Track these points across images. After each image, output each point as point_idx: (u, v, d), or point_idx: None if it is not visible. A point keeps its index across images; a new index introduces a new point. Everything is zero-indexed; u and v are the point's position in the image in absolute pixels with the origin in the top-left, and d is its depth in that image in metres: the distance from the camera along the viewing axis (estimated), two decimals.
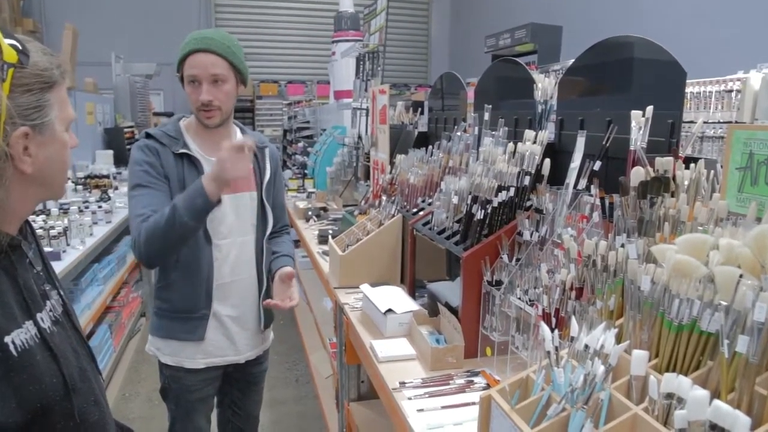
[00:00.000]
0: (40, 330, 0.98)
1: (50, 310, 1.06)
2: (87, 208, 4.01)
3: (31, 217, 3.04)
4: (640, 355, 0.97)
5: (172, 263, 1.93)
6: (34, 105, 0.94)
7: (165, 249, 1.79)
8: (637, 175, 1.31)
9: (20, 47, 0.92)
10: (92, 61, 7.68)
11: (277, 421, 3.61)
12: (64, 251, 3.15)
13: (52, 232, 3.13)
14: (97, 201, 4.29)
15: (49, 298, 1.08)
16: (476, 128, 2.29)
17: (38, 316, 1.00)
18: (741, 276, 0.90)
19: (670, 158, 1.32)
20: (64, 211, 3.59)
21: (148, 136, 1.93)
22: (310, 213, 4.02)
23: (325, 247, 2.99)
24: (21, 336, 0.93)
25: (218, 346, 2.03)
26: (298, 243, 4.47)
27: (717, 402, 0.77)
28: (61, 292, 1.15)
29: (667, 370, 0.99)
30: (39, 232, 2.97)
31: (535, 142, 1.79)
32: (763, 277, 0.87)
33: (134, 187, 1.85)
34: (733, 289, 0.89)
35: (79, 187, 4.75)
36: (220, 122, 1.92)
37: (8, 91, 0.89)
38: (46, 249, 2.97)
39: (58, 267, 2.92)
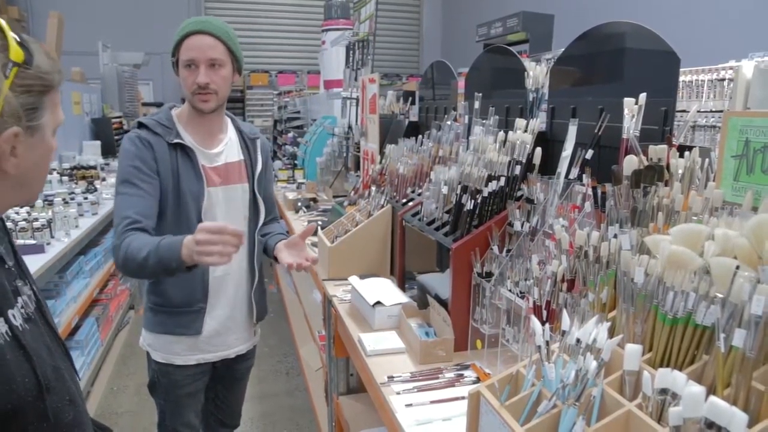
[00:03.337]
0: (11, 327, 0.94)
1: (22, 307, 1.02)
2: (73, 199, 3.95)
3: (14, 209, 2.99)
4: (633, 350, 0.94)
5: None
6: (30, 106, 0.92)
7: (140, 276, 1.79)
8: (630, 163, 1.28)
9: (27, 47, 0.90)
10: (79, 51, 7.60)
11: (268, 413, 3.59)
12: (48, 243, 3.09)
13: (36, 224, 3.07)
14: (84, 192, 4.23)
15: (21, 295, 1.04)
16: (466, 117, 2.25)
17: (9, 312, 0.96)
18: (737, 267, 0.87)
19: (664, 146, 1.29)
20: (49, 202, 3.53)
21: (141, 125, 1.88)
22: (299, 204, 3.98)
23: (315, 239, 2.95)
24: None
25: (211, 342, 2.00)
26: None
27: (713, 398, 0.74)
28: (35, 288, 1.11)
29: (661, 365, 0.96)
30: (22, 224, 2.93)
31: (526, 131, 1.76)
32: (761, 268, 0.84)
33: (123, 183, 1.81)
34: (729, 281, 0.86)
35: (65, 179, 4.68)
36: (216, 107, 1.88)
37: (8, 89, 0.87)
38: (30, 241, 2.93)
39: (42, 259, 2.86)
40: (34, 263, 2.66)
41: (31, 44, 0.93)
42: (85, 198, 4.04)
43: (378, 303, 1.92)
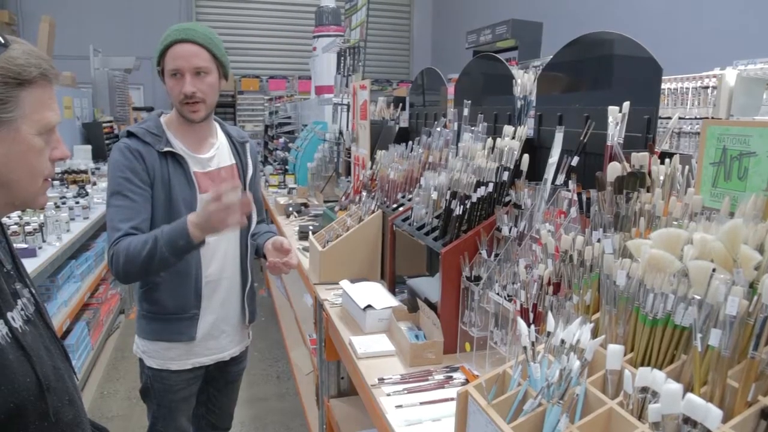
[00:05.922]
0: (11, 329, 0.96)
1: (22, 309, 1.04)
2: (64, 203, 3.96)
3: None
4: (615, 350, 0.97)
5: None
6: None
7: (143, 274, 1.76)
8: (614, 170, 1.31)
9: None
10: (70, 55, 7.60)
11: (258, 417, 3.60)
12: (39, 247, 3.10)
13: (28, 228, 3.08)
14: (75, 196, 4.24)
15: (21, 297, 1.06)
16: (456, 124, 2.29)
17: (9, 315, 0.98)
18: (714, 270, 0.91)
19: (646, 153, 1.33)
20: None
21: (130, 134, 1.86)
22: (290, 209, 4.00)
23: (306, 243, 2.97)
24: None
25: (205, 345, 2.01)
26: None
27: (690, 395, 0.77)
28: (33, 291, 1.13)
29: (642, 364, 0.99)
30: (14, 228, 2.93)
31: (513, 138, 1.80)
32: (735, 271, 0.88)
33: (113, 195, 1.80)
34: (706, 284, 0.90)
35: (56, 183, 4.68)
36: (206, 116, 1.89)
37: None
38: (21, 245, 2.94)
39: (34, 263, 2.87)
40: (25, 267, 2.67)
41: (14, 43, 0.93)
42: (77, 202, 4.05)
43: (369, 306, 1.95)
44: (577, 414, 0.96)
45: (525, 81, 2.02)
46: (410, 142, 2.64)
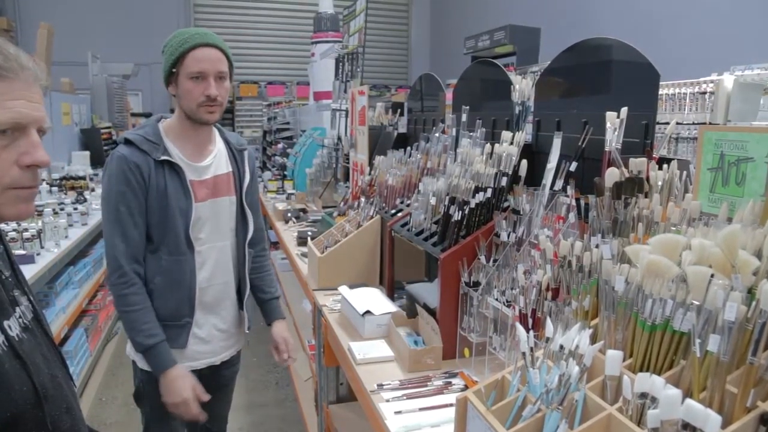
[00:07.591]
0: (8, 338, 0.96)
1: (19, 317, 1.03)
2: (62, 210, 3.95)
3: None
4: (614, 355, 0.97)
5: (154, 270, 1.89)
6: None
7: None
8: (612, 175, 1.32)
9: None
10: (68, 61, 7.60)
11: (257, 424, 3.58)
12: (38, 254, 3.09)
13: (26, 235, 3.07)
14: (73, 203, 4.23)
15: (19, 305, 1.05)
16: (454, 129, 2.29)
17: (5, 323, 0.97)
18: (712, 276, 0.91)
19: (644, 159, 1.33)
20: (39, 212, 3.53)
21: (127, 142, 1.85)
22: (289, 214, 4.00)
23: (304, 249, 2.97)
24: None
25: (197, 350, 2.00)
26: (276, 245, 4.44)
27: (689, 401, 0.77)
28: (31, 298, 1.12)
29: (641, 370, 0.99)
30: (12, 234, 2.93)
31: (512, 143, 1.80)
32: (734, 276, 0.88)
33: (112, 218, 1.82)
34: (704, 289, 0.90)
35: (54, 189, 4.67)
36: (219, 119, 1.93)
37: None
38: (20, 252, 2.93)
39: (32, 270, 2.86)
40: (24, 274, 2.67)
41: None
42: (75, 208, 4.04)
43: (368, 312, 1.95)
44: (576, 420, 0.96)
45: (523, 86, 2.03)
46: (409, 148, 2.65)
